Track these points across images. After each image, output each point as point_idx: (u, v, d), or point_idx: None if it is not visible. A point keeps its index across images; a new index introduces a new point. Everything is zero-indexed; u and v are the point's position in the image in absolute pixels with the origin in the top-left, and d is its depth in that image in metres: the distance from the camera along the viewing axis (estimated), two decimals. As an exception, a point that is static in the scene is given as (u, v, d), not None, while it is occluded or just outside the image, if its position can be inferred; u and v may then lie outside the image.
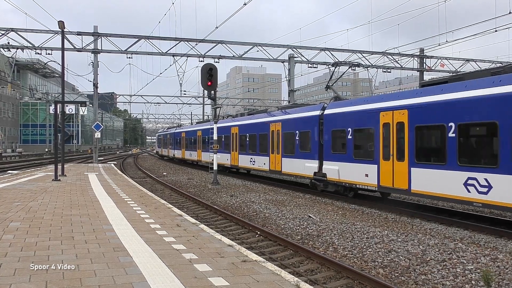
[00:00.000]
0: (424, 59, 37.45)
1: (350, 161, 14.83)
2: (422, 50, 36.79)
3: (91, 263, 5.51)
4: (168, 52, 32.25)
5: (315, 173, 16.94)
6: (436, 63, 38.69)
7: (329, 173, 15.98)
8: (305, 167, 17.66)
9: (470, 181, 10.37)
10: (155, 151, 62.81)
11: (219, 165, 26.42)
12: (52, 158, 37.03)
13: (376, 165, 13.43)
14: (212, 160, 21.89)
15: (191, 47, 32.08)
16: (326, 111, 16.55)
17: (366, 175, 13.90)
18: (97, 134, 31.16)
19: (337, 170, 15.45)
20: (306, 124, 17.83)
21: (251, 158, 23.15)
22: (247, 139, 23.91)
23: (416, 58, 37.22)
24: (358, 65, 26.31)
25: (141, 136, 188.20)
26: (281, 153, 19.82)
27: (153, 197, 12.88)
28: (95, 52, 31.31)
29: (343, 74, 20.96)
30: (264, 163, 21.48)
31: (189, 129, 37.77)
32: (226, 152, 26.81)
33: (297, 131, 18.50)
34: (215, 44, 32.26)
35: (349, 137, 14.91)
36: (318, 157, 16.86)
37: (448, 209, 13.65)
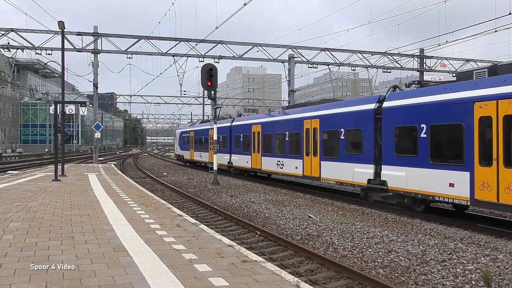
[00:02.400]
0: (424, 59, 37.44)
1: (424, 166, 11.85)
2: (422, 50, 36.78)
3: (91, 263, 5.51)
4: (168, 52, 32.25)
5: (369, 180, 13.94)
6: (436, 63, 38.69)
7: (391, 181, 13.02)
8: (355, 173, 14.62)
9: None
10: (175, 156, 46.17)
11: (237, 168, 25.65)
12: (52, 158, 37.03)
13: (468, 172, 10.50)
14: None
15: (191, 47, 32.09)
16: (386, 104, 13.41)
17: (451, 185, 11.00)
18: (97, 134, 31.16)
19: (404, 177, 12.52)
20: (356, 120, 14.85)
21: (278, 161, 20.20)
22: (273, 139, 20.97)
23: (416, 58, 37.21)
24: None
25: (141, 136, 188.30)
26: (320, 156, 16.87)
27: (153, 197, 12.88)
28: (95, 52, 31.31)
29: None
30: (296, 167, 18.51)
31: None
32: (246, 153, 24.36)
33: (342, 129, 15.49)
34: (215, 44, 32.25)
35: (423, 135, 11.89)
36: (373, 161, 13.87)
37: (448, 209, 13.64)
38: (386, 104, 13.43)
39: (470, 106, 10.58)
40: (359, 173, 14.49)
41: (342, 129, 15.57)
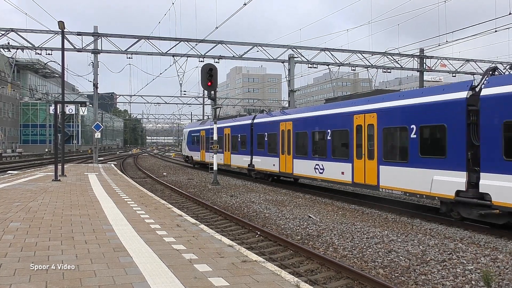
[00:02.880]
0: (424, 59, 37.45)
1: None
2: (422, 50, 36.79)
3: (91, 263, 5.51)
4: (168, 52, 32.24)
5: (458, 192, 10.81)
6: (436, 63, 38.70)
7: (497, 194, 9.84)
8: (434, 182, 11.53)
9: None
10: (183, 157, 42.39)
11: (261, 172, 22.89)
12: (52, 158, 37.04)
13: None
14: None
15: (191, 47, 32.09)
16: (486, 92, 10.27)
17: None
18: (97, 134, 31.16)
19: None
20: (436, 114, 11.66)
21: (317, 165, 17.20)
22: (310, 138, 17.91)
23: (416, 58, 37.22)
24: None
25: (141, 136, 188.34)
26: (378, 159, 13.69)
27: (153, 197, 12.88)
28: (95, 52, 31.31)
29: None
30: (343, 173, 15.48)
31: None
32: (272, 155, 21.20)
33: (413, 126, 12.34)
34: (215, 44, 32.25)
35: None
36: (465, 167, 10.72)
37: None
38: (485, 92, 10.28)
39: None
40: (441, 182, 11.31)
41: (413, 126, 12.37)
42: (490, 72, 11.26)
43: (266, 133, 22.13)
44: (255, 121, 23.77)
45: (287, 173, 20.06)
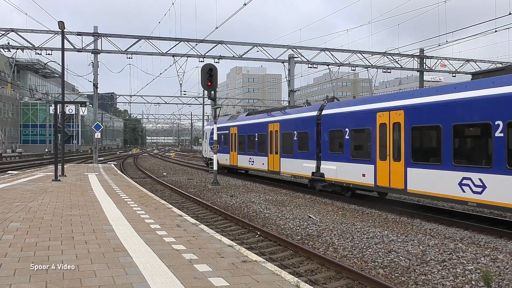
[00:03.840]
0: (424, 59, 37.45)
1: None
2: (422, 51, 36.80)
3: (91, 264, 5.51)
4: (168, 52, 32.25)
5: None
6: (436, 63, 38.70)
7: None
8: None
9: None
10: (203, 160, 35.29)
11: (337, 183, 15.92)
12: (52, 158, 37.04)
13: None
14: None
15: (191, 47, 32.09)
16: None
17: None
18: (97, 135, 31.16)
19: None
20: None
21: (467, 180, 10.66)
22: (447, 136, 11.26)
23: (416, 59, 37.22)
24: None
25: (141, 136, 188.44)
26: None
27: (153, 198, 12.88)
28: (95, 52, 31.31)
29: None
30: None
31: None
32: (358, 160, 14.72)
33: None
34: (215, 44, 32.26)
35: None
36: None
37: (448, 209, 13.65)
38: None
39: None
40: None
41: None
42: None
43: (347, 130, 15.22)
44: (325, 112, 16.89)
45: (396, 189, 13.05)
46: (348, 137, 15.19)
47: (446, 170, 11.11)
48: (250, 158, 23.62)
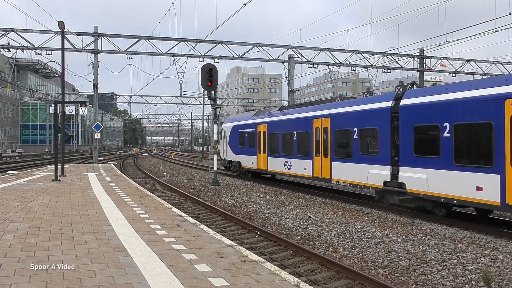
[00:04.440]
0: (424, 59, 37.46)
1: None
2: (422, 51, 36.80)
3: (91, 264, 5.51)
4: (168, 52, 32.24)
5: None
6: (436, 63, 38.71)
7: None
8: None
9: None
10: (222, 162, 28.75)
11: (428, 198, 12.01)
12: (52, 158, 37.04)
13: None
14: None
15: (191, 47, 32.09)
16: None
17: None
18: (97, 135, 31.16)
19: None
20: None
21: None
22: None
23: (416, 59, 37.23)
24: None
25: (141, 136, 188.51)
26: None
27: (153, 198, 12.88)
28: (95, 52, 31.31)
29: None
30: None
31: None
32: (468, 167, 10.93)
33: None
34: (215, 44, 32.26)
35: None
36: None
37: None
38: None
39: None
40: None
41: None
42: None
43: (447, 124, 11.38)
44: (407, 102, 12.76)
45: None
46: (448, 135, 11.21)
47: None
48: (286, 162, 19.53)
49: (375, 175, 13.91)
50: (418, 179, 12.12)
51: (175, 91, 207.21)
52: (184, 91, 67.42)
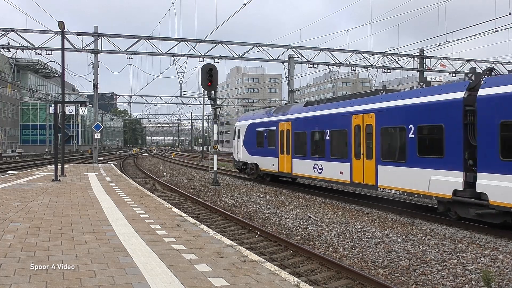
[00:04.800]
0: (424, 59, 37.46)
1: None
2: (422, 51, 36.81)
3: (91, 264, 5.51)
4: (168, 52, 32.24)
5: None
6: (436, 63, 38.70)
7: None
8: None
9: None
10: (235, 164, 26.32)
11: None
12: (52, 158, 37.04)
13: None
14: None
15: (191, 47, 32.08)
16: None
17: None
18: (97, 135, 31.16)
19: None
20: None
21: None
22: None
23: (416, 59, 37.23)
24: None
25: (141, 136, 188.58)
26: None
27: (153, 198, 12.88)
28: (95, 52, 31.31)
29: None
30: None
31: None
32: None
33: None
34: (215, 44, 32.26)
35: None
36: None
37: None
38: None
39: None
40: None
41: None
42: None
43: None
44: (490, 92, 10.35)
45: None
46: None
47: None
48: (316, 164, 17.03)
49: (440, 182, 11.38)
50: (508, 189, 9.60)
51: (175, 91, 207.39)
52: (184, 91, 67.49)
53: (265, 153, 21.44)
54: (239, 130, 24.92)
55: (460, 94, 11.07)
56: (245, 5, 19.57)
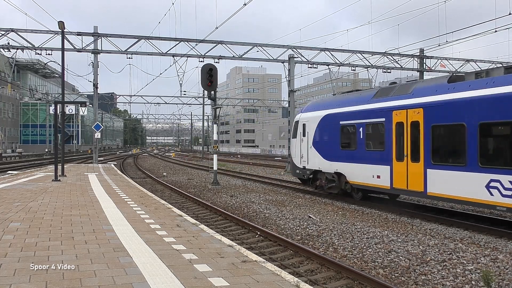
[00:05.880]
0: (424, 59, 37.45)
1: None
2: (422, 51, 36.80)
3: (91, 264, 5.51)
4: (168, 52, 32.23)
5: None
6: (436, 63, 38.70)
7: None
8: None
9: None
10: (292, 170, 19.76)
11: None
12: (52, 158, 37.03)
13: None
14: None
15: (191, 47, 32.06)
16: None
17: None
18: (97, 135, 31.15)
19: None
20: None
21: None
22: None
23: (416, 59, 37.22)
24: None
25: (141, 136, 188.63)
26: None
27: (153, 198, 12.88)
28: (95, 52, 31.30)
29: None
30: None
31: None
32: None
33: None
34: (215, 44, 32.25)
35: None
36: None
37: (448, 209, 13.63)
38: None
39: None
40: None
41: None
42: None
43: None
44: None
45: None
46: None
47: None
48: (496, 182, 10.11)
49: None
50: None
51: (175, 91, 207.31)
52: (184, 91, 67.46)
53: (360, 158, 14.75)
54: (304, 124, 18.27)
55: None
56: (245, 5, 19.58)
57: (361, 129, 14.73)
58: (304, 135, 18.18)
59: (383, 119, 13.76)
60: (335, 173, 15.97)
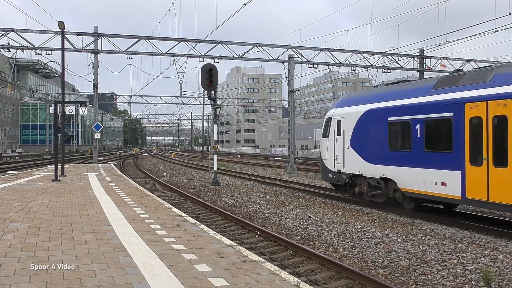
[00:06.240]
0: (424, 59, 37.44)
1: None
2: (422, 51, 36.79)
3: (91, 264, 5.51)
4: (168, 52, 32.23)
5: None
6: (436, 63, 38.69)
7: None
8: None
9: None
10: (327, 174, 16.47)
11: None
12: (52, 158, 37.03)
13: None
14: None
15: (191, 47, 32.06)
16: None
17: None
18: (97, 135, 31.15)
19: None
20: None
21: None
22: None
23: (416, 59, 37.22)
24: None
25: (141, 136, 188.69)
26: None
27: (153, 198, 12.88)
28: (95, 52, 31.29)
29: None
30: None
31: None
32: None
33: None
34: (215, 44, 32.24)
35: None
36: None
37: (448, 209, 13.63)
38: None
39: None
40: None
41: None
42: None
43: None
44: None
45: None
46: None
47: None
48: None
49: None
50: None
51: (175, 91, 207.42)
52: (184, 91, 67.48)
53: (416, 161, 12.33)
54: (338, 121, 15.90)
55: None
56: (245, 5, 19.59)
57: (418, 126, 12.27)
58: (339, 134, 15.79)
59: (451, 114, 11.24)
60: (381, 178, 13.66)
